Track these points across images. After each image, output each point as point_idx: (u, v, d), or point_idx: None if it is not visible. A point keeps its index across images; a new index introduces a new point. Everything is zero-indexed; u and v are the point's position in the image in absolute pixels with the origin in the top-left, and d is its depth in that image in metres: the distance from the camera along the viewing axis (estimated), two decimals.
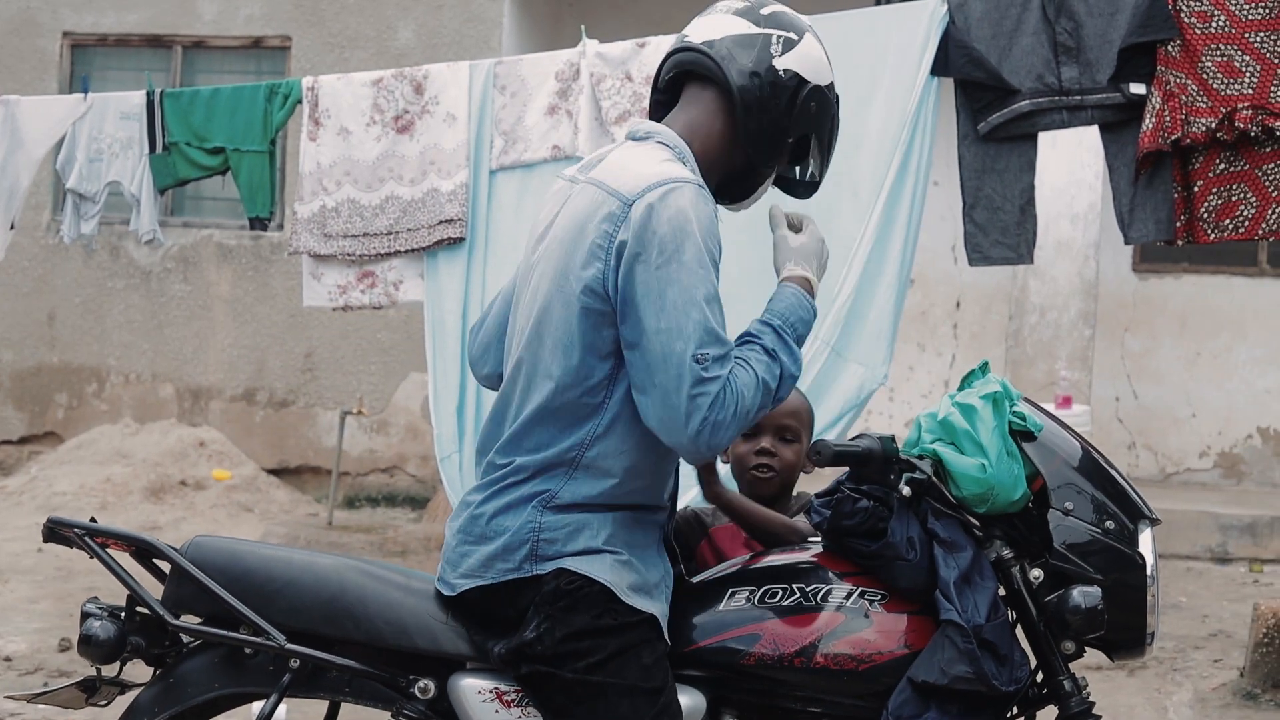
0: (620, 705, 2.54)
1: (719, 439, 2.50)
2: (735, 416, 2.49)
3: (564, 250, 2.61)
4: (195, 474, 9.32)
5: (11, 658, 5.87)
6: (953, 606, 2.60)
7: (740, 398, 2.49)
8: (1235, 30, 4.76)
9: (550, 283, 2.62)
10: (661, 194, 2.53)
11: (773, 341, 2.59)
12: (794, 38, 2.70)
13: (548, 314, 2.61)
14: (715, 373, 2.47)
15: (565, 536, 2.58)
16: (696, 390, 2.46)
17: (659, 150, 2.65)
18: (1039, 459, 2.72)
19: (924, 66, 5.04)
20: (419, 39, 9.80)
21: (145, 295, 10.24)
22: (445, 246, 5.72)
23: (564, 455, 2.58)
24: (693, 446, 2.50)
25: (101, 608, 2.69)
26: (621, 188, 2.57)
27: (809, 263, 2.73)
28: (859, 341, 5.03)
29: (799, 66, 2.69)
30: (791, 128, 2.70)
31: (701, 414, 2.46)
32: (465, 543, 2.64)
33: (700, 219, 2.53)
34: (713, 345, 2.48)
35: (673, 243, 2.50)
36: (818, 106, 2.71)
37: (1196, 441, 10.25)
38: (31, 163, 6.42)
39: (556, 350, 2.59)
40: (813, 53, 2.72)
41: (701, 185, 2.60)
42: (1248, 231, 4.90)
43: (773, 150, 2.71)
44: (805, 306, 2.66)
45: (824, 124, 2.74)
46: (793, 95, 2.68)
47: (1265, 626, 5.66)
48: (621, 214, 2.54)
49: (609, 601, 2.56)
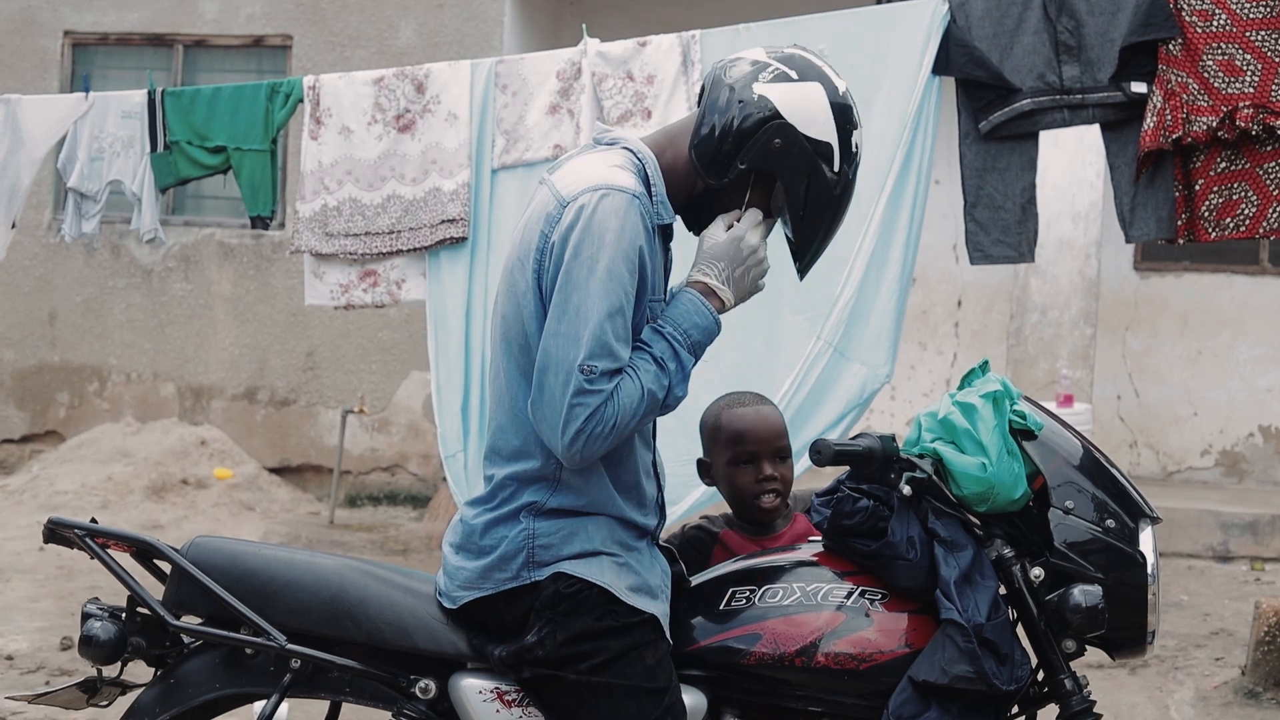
0: (625, 706, 2.54)
1: (592, 450, 2.48)
2: (613, 430, 2.48)
3: (515, 251, 2.62)
4: (197, 473, 9.32)
5: (13, 657, 5.87)
6: (953, 605, 2.60)
7: (620, 412, 2.47)
8: (1236, 29, 4.76)
9: (501, 279, 2.65)
10: (592, 199, 2.51)
11: (663, 350, 2.54)
12: (791, 75, 2.60)
13: (502, 312, 2.63)
14: (600, 386, 2.45)
15: (560, 541, 2.58)
16: (576, 400, 2.45)
17: (615, 156, 2.62)
18: (1039, 458, 2.72)
19: (925, 66, 5.04)
20: (420, 38, 9.79)
21: (146, 294, 10.24)
22: (447, 246, 5.72)
23: (544, 470, 2.58)
24: (566, 454, 2.49)
25: (102, 608, 2.69)
26: (563, 190, 2.56)
27: (714, 266, 2.62)
28: (861, 341, 5.03)
29: (779, 99, 2.58)
30: (744, 154, 2.58)
31: (577, 424, 2.45)
32: (463, 557, 2.64)
33: (624, 229, 2.48)
34: (603, 358, 2.45)
35: (588, 249, 2.47)
36: (783, 145, 2.58)
37: (1198, 440, 10.25)
38: (33, 162, 6.42)
39: (513, 347, 2.59)
40: (807, 98, 2.59)
41: (638, 196, 2.53)
42: (1249, 230, 4.90)
43: (718, 170, 2.60)
44: (700, 313, 2.59)
45: (790, 170, 2.59)
46: (757, 122, 2.57)
47: (1266, 625, 5.66)
48: (556, 215, 2.53)
49: (609, 603, 2.56)
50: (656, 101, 5.43)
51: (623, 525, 2.63)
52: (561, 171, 2.64)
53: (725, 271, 2.63)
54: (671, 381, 2.54)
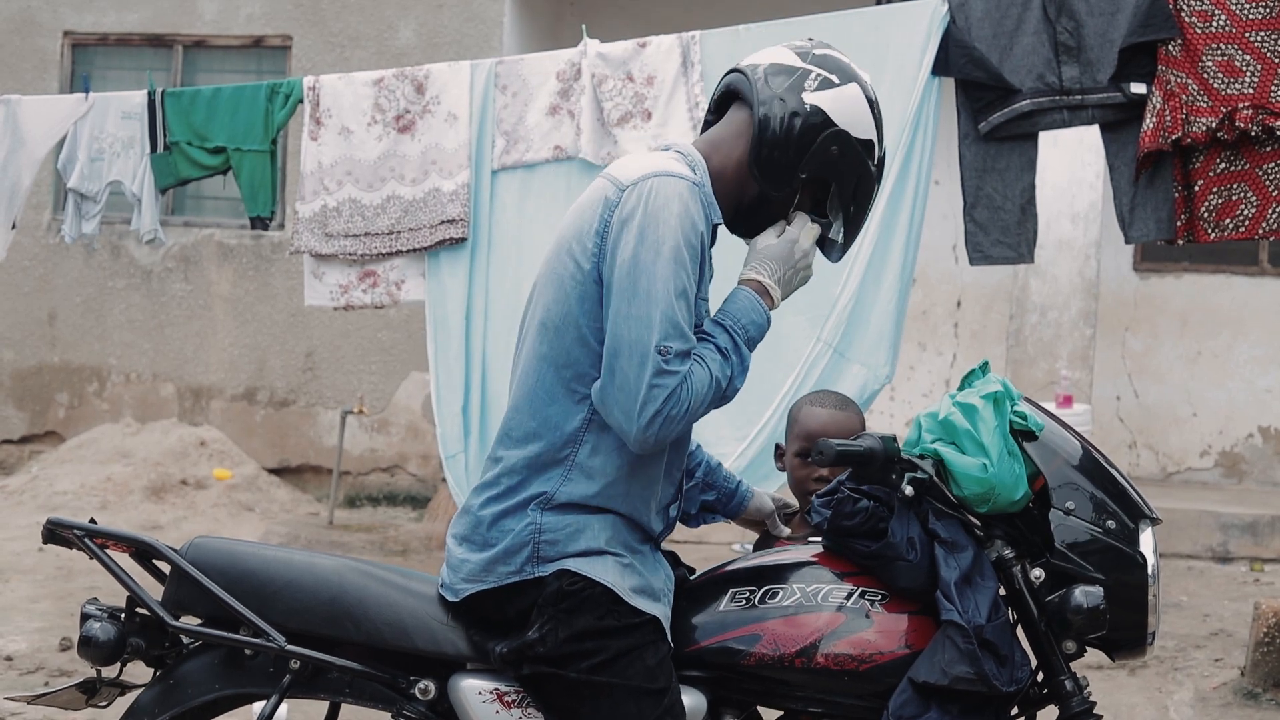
0: (625, 705, 2.55)
1: (667, 432, 2.51)
2: (686, 413, 2.51)
3: (562, 233, 2.66)
4: (196, 473, 9.32)
5: (12, 657, 5.86)
6: (954, 606, 2.60)
7: (693, 395, 2.51)
8: (1236, 30, 4.76)
9: (545, 264, 2.67)
10: (654, 184, 2.56)
11: (726, 342, 2.60)
12: (834, 80, 2.68)
13: (543, 295, 2.64)
14: (675, 368, 2.49)
15: (566, 538, 2.59)
16: (655, 382, 2.48)
17: (672, 155, 2.69)
18: (1040, 459, 2.72)
19: (925, 66, 5.04)
20: (420, 38, 9.80)
21: (146, 295, 10.24)
22: (447, 246, 5.72)
23: (558, 453, 2.59)
24: (641, 436, 2.51)
25: (101, 609, 2.69)
26: (621, 176, 2.62)
27: (767, 266, 2.70)
28: (861, 342, 5.03)
29: (829, 106, 2.66)
30: (804, 164, 2.66)
31: (655, 405, 2.48)
32: (467, 549, 2.65)
33: (685, 213, 2.54)
34: (676, 339, 2.50)
35: (653, 231, 2.52)
36: (840, 151, 2.67)
37: (1197, 441, 10.25)
38: (33, 162, 6.42)
39: (547, 331, 2.61)
40: (851, 102, 2.69)
41: (698, 185, 2.61)
42: (1248, 231, 4.90)
43: (780, 180, 2.68)
44: (756, 310, 2.66)
45: (844, 173, 2.69)
46: (813, 131, 2.65)
47: (1266, 625, 5.66)
48: (616, 199, 2.58)
49: (612, 603, 2.56)
50: (656, 102, 5.43)
51: (629, 526, 2.63)
52: (618, 164, 2.71)
53: (778, 272, 2.70)
54: (733, 372, 2.60)
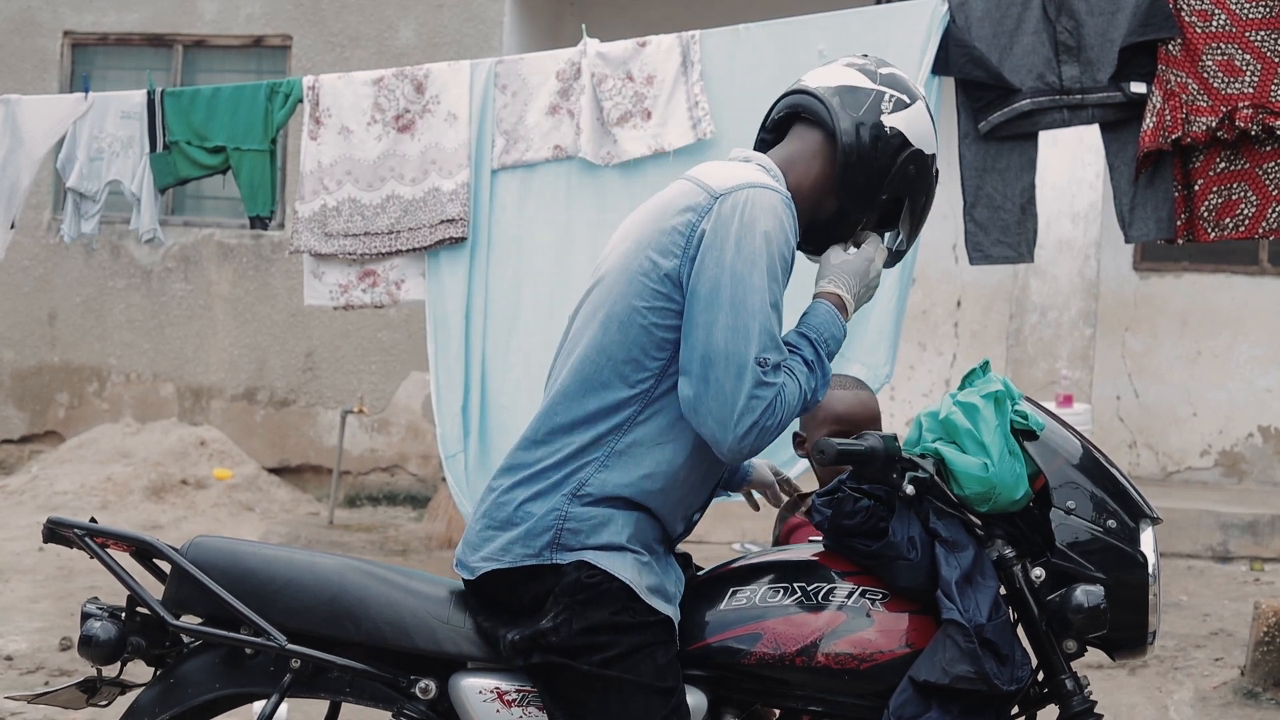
0: (633, 702, 2.55)
1: (760, 443, 2.54)
2: (779, 425, 2.55)
3: (640, 231, 2.66)
4: (196, 473, 9.32)
5: (12, 657, 5.86)
6: (954, 606, 2.60)
7: (786, 407, 2.54)
8: (1236, 29, 4.76)
9: (620, 258, 2.66)
10: (749, 195, 2.58)
11: (810, 354, 2.64)
12: (906, 100, 2.76)
13: (612, 288, 2.64)
14: (773, 379, 2.52)
15: (590, 529, 2.59)
16: (755, 394, 2.50)
17: (754, 166, 2.71)
18: (1041, 458, 2.72)
19: (925, 66, 5.04)
20: (419, 38, 9.80)
21: (146, 294, 10.24)
22: (447, 246, 5.72)
23: (599, 438, 2.59)
24: (736, 446, 2.53)
25: (102, 608, 2.69)
26: (712, 183, 2.63)
27: (844, 281, 2.75)
28: (861, 342, 5.03)
29: (906, 128, 2.74)
30: (887, 185, 2.73)
31: (753, 417, 2.50)
32: (489, 527, 2.65)
33: (780, 227, 2.57)
34: (773, 351, 2.53)
35: (750, 244, 2.54)
36: (916, 171, 2.75)
37: (1197, 440, 10.25)
38: (32, 162, 6.42)
39: (612, 323, 2.61)
40: (921, 120, 2.77)
41: (789, 198, 2.64)
42: (1248, 230, 4.90)
43: (865, 202, 2.74)
44: (837, 324, 2.70)
45: (918, 190, 2.78)
46: (894, 153, 2.72)
47: (1266, 625, 5.66)
48: (707, 205, 2.59)
49: (628, 599, 2.57)
50: (656, 102, 5.43)
51: (651, 526, 2.64)
52: (704, 169, 2.72)
53: (854, 288, 2.76)
54: (817, 384, 2.64)
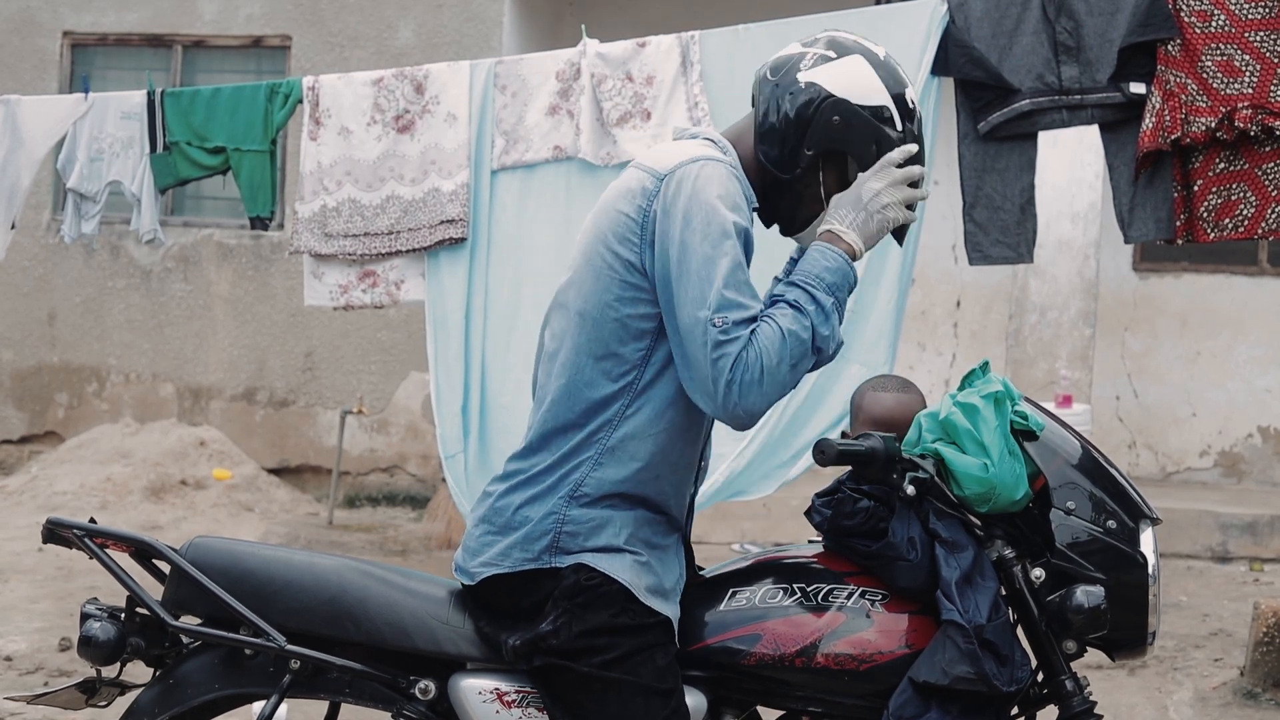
0: (633, 703, 2.55)
1: (750, 401, 2.48)
2: (763, 375, 2.48)
3: (597, 224, 2.65)
4: (196, 473, 9.31)
5: (12, 657, 5.86)
6: (954, 606, 2.60)
7: (763, 353, 2.48)
8: (1235, 29, 4.76)
9: (583, 255, 2.66)
10: (694, 169, 2.57)
11: (796, 295, 2.56)
12: (831, 55, 2.67)
13: (581, 286, 2.63)
14: (735, 334, 2.48)
15: (588, 532, 2.59)
16: (717, 354, 2.47)
17: (700, 141, 2.70)
18: (1040, 458, 2.72)
19: (924, 66, 5.04)
20: (419, 38, 9.80)
21: (145, 295, 10.24)
22: (447, 246, 5.72)
23: (591, 436, 2.59)
24: (727, 412, 2.50)
25: (101, 609, 2.69)
26: (657, 165, 2.62)
27: (837, 214, 2.66)
28: (860, 342, 5.03)
29: (825, 80, 2.64)
30: (809, 141, 2.64)
31: (725, 376, 2.47)
32: (488, 532, 2.65)
33: (729, 193, 2.56)
34: (731, 309, 2.49)
35: (699, 213, 2.52)
36: (843, 120, 2.64)
37: (1197, 440, 10.25)
38: (32, 162, 6.42)
39: (586, 322, 2.60)
40: (849, 70, 2.65)
41: (735, 166, 2.62)
42: (1247, 230, 4.90)
43: (788, 162, 2.67)
44: (829, 256, 2.61)
45: (854, 141, 2.65)
46: (810, 105, 2.63)
47: (1265, 625, 5.66)
48: (655, 188, 2.58)
49: (627, 601, 2.57)
50: (656, 102, 5.43)
51: (652, 521, 2.64)
52: (650, 153, 2.70)
53: (848, 217, 2.66)
54: (814, 322, 2.54)
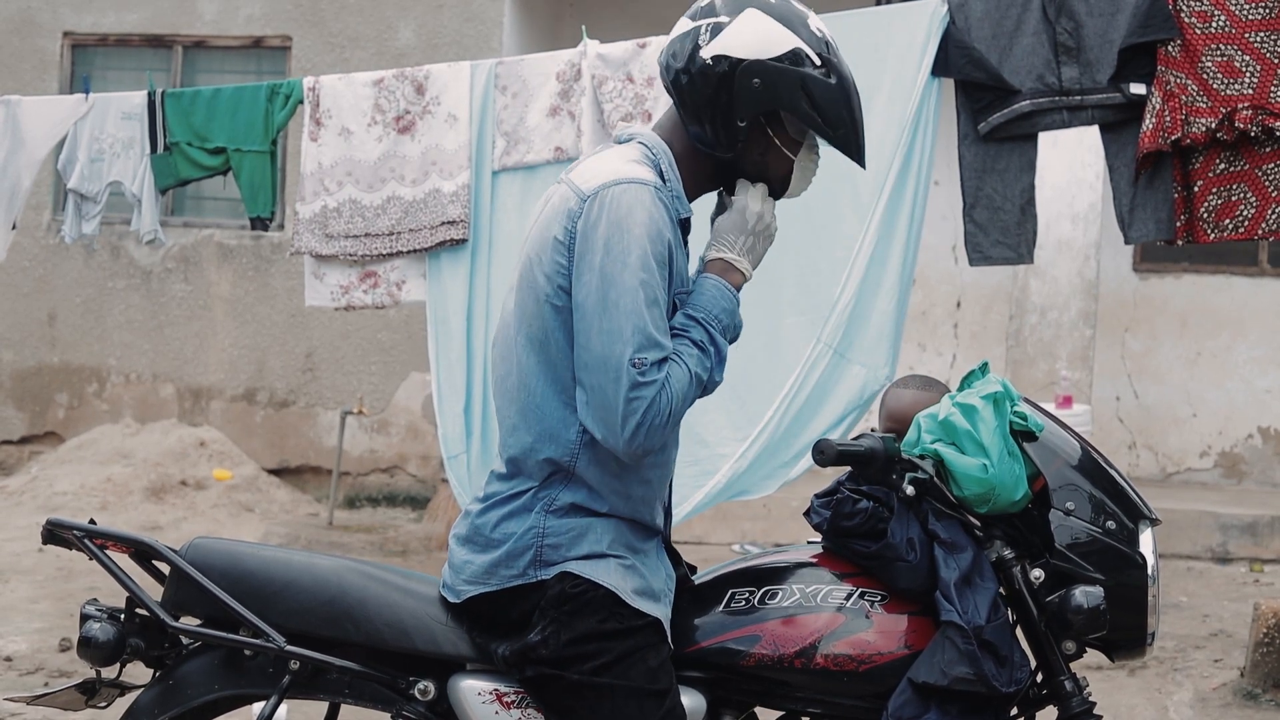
0: (627, 707, 2.55)
1: (651, 441, 2.49)
2: (669, 419, 2.49)
3: (531, 247, 2.62)
4: (196, 474, 9.32)
5: (12, 658, 5.86)
6: (953, 607, 2.60)
7: (674, 399, 2.49)
8: (1235, 30, 4.76)
9: (519, 278, 2.64)
10: (614, 192, 2.52)
11: (701, 335, 2.56)
12: (724, 21, 2.58)
13: (523, 311, 2.61)
14: (652, 377, 2.46)
15: (569, 541, 2.58)
16: (633, 395, 2.46)
17: (631, 151, 2.64)
18: (1040, 459, 2.72)
19: (924, 67, 5.04)
20: (419, 39, 9.80)
21: (146, 295, 10.24)
22: (448, 247, 5.71)
23: (558, 464, 2.58)
24: (627, 449, 2.49)
25: (101, 609, 2.69)
26: (582, 185, 2.57)
27: (725, 240, 2.65)
28: (861, 343, 5.03)
29: (727, 48, 2.57)
30: (738, 112, 2.58)
31: (636, 419, 2.46)
32: (470, 551, 2.64)
33: (650, 220, 2.50)
34: (650, 350, 2.47)
35: (618, 242, 2.48)
36: (763, 81, 2.56)
37: (1197, 441, 10.25)
38: (33, 163, 6.42)
39: (533, 348, 2.59)
40: (748, 29, 2.57)
41: (659, 187, 2.56)
42: (1248, 231, 4.89)
43: (726, 141, 2.61)
44: (724, 294, 2.61)
45: (784, 95, 2.58)
46: (724, 80, 2.57)
47: (1266, 626, 5.66)
48: (578, 210, 2.54)
49: (614, 605, 2.56)
50: (656, 103, 5.43)
51: (631, 527, 2.63)
52: (579, 169, 2.65)
53: (738, 243, 2.65)
54: (712, 364, 2.57)
